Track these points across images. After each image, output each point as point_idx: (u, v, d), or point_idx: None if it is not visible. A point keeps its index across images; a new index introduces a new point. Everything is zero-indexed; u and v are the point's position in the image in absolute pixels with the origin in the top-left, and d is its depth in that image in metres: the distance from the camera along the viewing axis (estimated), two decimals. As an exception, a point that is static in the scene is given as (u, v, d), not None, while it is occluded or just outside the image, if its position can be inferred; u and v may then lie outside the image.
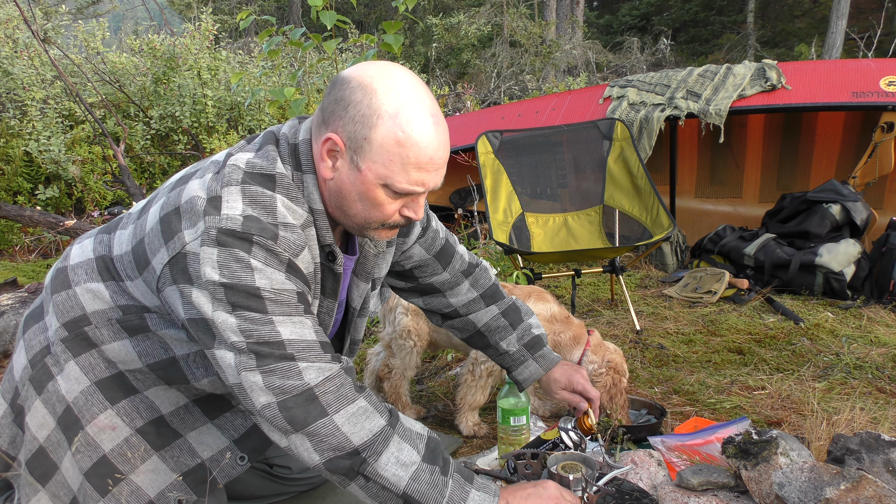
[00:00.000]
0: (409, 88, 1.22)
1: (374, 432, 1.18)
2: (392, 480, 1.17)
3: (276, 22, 3.46)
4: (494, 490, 1.25)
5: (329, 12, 3.04)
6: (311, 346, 1.19)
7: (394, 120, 1.18)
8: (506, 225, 3.48)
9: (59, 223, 4.66)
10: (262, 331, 1.16)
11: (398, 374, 2.33)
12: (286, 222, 1.21)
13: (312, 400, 1.16)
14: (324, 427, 1.16)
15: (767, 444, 1.51)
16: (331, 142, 1.22)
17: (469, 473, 1.26)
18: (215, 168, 1.28)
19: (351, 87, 1.21)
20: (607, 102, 4.56)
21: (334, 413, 1.16)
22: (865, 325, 3.09)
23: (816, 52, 13.19)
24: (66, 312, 1.38)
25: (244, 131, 7.20)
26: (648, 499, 1.47)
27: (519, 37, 13.48)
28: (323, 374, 1.18)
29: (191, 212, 1.22)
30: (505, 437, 1.91)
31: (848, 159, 4.40)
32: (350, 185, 1.24)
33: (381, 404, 1.24)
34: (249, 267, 1.16)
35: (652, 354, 2.84)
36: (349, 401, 1.18)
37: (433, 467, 1.20)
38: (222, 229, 1.16)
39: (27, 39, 6.80)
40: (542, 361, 1.73)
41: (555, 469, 1.47)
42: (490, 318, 1.73)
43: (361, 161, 1.21)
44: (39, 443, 1.36)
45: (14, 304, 3.06)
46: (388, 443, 1.18)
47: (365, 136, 1.19)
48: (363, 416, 1.18)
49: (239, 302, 1.16)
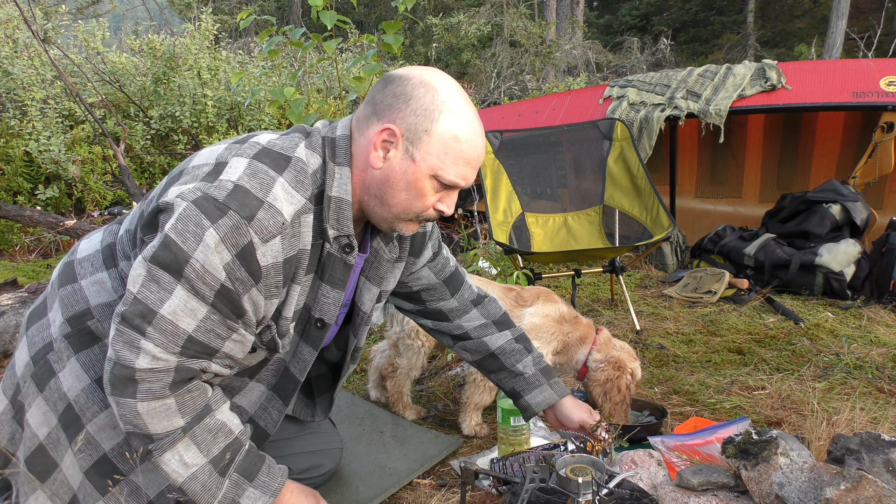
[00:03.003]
0: (461, 93, 1.33)
1: (168, 430, 1.24)
2: (171, 475, 1.26)
3: (276, 22, 3.46)
4: (273, 490, 1.35)
5: (329, 12, 3.04)
6: (174, 332, 1.19)
7: (454, 116, 1.28)
8: (506, 225, 3.48)
9: (59, 223, 4.66)
10: (153, 296, 1.18)
11: (403, 373, 2.33)
12: (273, 204, 1.22)
13: (131, 381, 1.19)
14: (128, 406, 1.20)
15: (767, 444, 1.51)
16: (388, 132, 1.28)
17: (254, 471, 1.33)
18: (232, 140, 1.34)
19: (412, 84, 1.29)
20: (607, 102, 4.56)
21: (140, 401, 1.20)
22: (865, 325, 3.09)
23: (816, 52, 13.19)
24: (71, 307, 1.40)
25: (244, 131, 7.20)
26: (648, 499, 1.47)
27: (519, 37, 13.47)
28: (155, 363, 1.19)
29: (192, 174, 1.27)
30: (505, 437, 1.91)
31: (848, 159, 4.41)
32: (400, 174, 1.30)
33: (193, 403, 1.26)
34: (200, 237, 1.17)
35: (652, 354, 2.84)
36: (157, 397, 1.21)
37: (213, 470, 1.29)
38: (206, 195, 1.19)
39: (27, 39, 6.80)
40: (557, 388, 1.78)
41: (563, 472, 1.46)
42: (505, 341, 1.77)
43: (417, 151, 1.28)
44: (40, 440, 1.36)
45: (14, 304, 3.06)
46: (176, 444, 1.25)
47: (426, 128, 1.27)
48: (163, 415, 1.23)
49: (163, 259, 1.17)
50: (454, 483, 1.85)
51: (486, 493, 1.75)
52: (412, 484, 1.88)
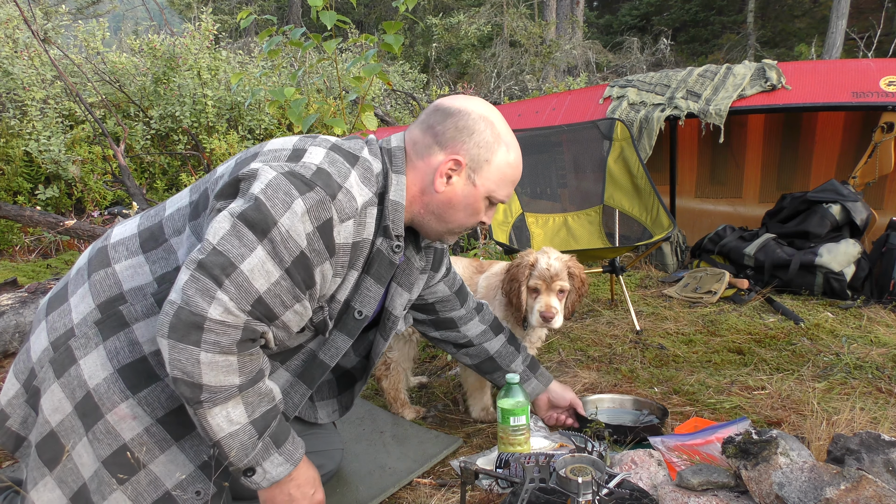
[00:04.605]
0: (505, 122, 1.51)
1: (223, 386, 1.25)
2: (213, 429, 1.28)
3: (276, 22, 3.46)
4: (295, 459, 1.39)
5: (329, 12, 3.04)
6: (248, 291, 1.23)
7: (507, 148, 1.49)
8: (506, 225, 3.48)
9: (59, 223, 4.66)
10: (234, 250, 1.21)
11: (396, 367, 2.34)
12: (350, 190, 1.34)
13: (197, 328, 1.20)
14: (189, 353, 1.21)
15: (767, 444, 1.51)
16: (454, 162, 1.46)
17: (283, 439, 1.38)
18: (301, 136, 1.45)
19: (473, 119, 1.46)
20: (607, 102, 4.56)
21: (204, 351, 1.21)
22: (865, 325, 3.09)
23: (816, 52, 13.19)
24: (103, 292, 1.42)
25: (244, 131, 7.20)
26: (648, 499, 1.47)
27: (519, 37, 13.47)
28: (226, 316, 1.21)
29: (272, 156, 1.37)
30: (505, 437, 1.91)
31: (848, 159, 4.41)
32: (462, 198, 1.49)
33: (252, 365, 1.29)
34: (289, 204, 1.25)
35: (652, 354, 2.84)
36: (223, 351, 1.23)
37: (253, 431, 1.32)
38: (294, 171, 1.30)
39: (27, 39, 6.80)
40: (542, 379, 2.06)
41: (563, 472, 1.46)
42: (500, 345, 2.01)
43: (478, 178, 1.48)
44: (51, 426, 1.37)
45: (14, 304, 3.06)
46: (229, 401, 1.27)
47: (487, 158, 1.47)
48: (223, 370, 1.24)
49: (251, 217, 1.22)
50: (454, 483, 1.85)
51: (487, 493, 1.75)
52: (412, 484, 1.88)
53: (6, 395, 1.45)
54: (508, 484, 1.64)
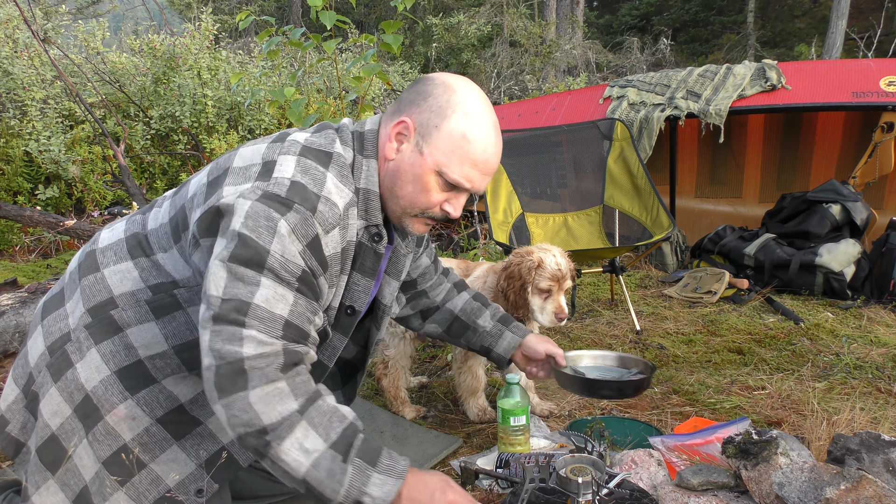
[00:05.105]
0: (482, 99, 1.37)
1: (284, 415, 1.19)
2: (293, 465, 1.19)
3: (276, 22, 3.46)
4: (399, 472, 1.25)
5: (329, 12, 3.04)
6: (272, 318, 1.21)
7: (465, 117, 1.33)
8: (506, 225, 3.48)
9: (59, 223, 4.66)
10: (241, 291, 1.19)
11: (395, 365, 2.35)
12: (329, 198, 1.29)
13: (241, 372, 1.18)
14: (240, 401, 1.17)
15: (767, 444, 1.51)
16: (403, 125, 1.35)
17: (375, 456, 1.24)
18: (270, 139, 1.38)
19: (434, 84, 1.36)
20: (607, 102, 4.56)
21: (252, 389, 1.18)
22: (865, 325, 3.09)
23: (816, 52, 13.19)
24: (93, 296, 1.40)
25: (244, 131, 7.20)
26: (648, 499, 1.47)
27: (519, 37, 13.47)
28: (261, 348, 1.19)
29: (242, 174, 1.30)
30: (505, 437, 1.91)
31: (848, 159, 4.41)
32: (408, 167, 1.35)
33: (304, 386, 1.24)
34: (274, 229, 1.21)
35: (652, 354, 2.84)
36: (270, 380, 1.19)
37: (336, 455, 1.21)
38: (267, 192, 1.24)
39: (27, 39, 6.80)
40: (517, 331, 1.86)
41: (563, 472, 1.46)
42: (464, 302, 1.88)
43: (426, 146, 1.34)
44: (52, 430, 1.36)
45: (14, 304, 3.06)
46: (294, 428, 1.20)
47: (437, 124, 1.33)
48: (277, 398, 1.19)
49: (242, 255, 1.19)
50: (454, 483, 1.85)
51: (487, 493, 1.75)
52: (412, 484, 1.88)
53: (6, 400, 1.44)
54: (508, 484, 1.64)
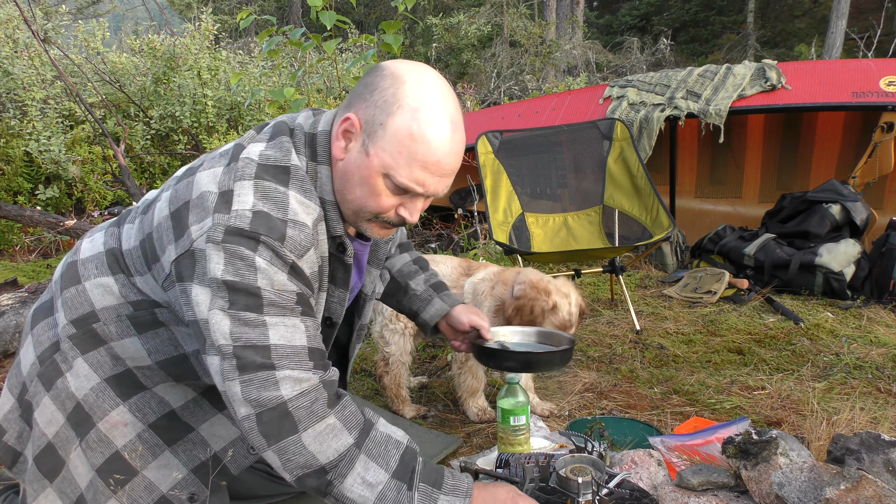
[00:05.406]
0: (437, 90, 1.22)
1: (341, 452, 1.18)
2: (358, 502, 1.17)
3: (276, 22, 3.46)
4: (465, 490, 1.23)
5: (329, 12, 3.04)
6: (296, 352, 1.18)
7: (413, 113, 1.19)
8: (506, 225, 3.48)
9: (59, 223, 4.66)
10: (252, 334, 1.16)
11: (396, 362, 2.35)
12: (296, 220, 1.21)
13: (286, 415, 1.15)
14: (292, 444, 1.16)
15: (767, 444, 1.51)
16: (349, 122, 1.23)
17: (439, 477, 1.24)
18: (225, 160, 1.27)
19: (382, 75, 1.22)
20: (607, 102, 4.56)
21: (303, 430, 1.16)
22: (865, 325, 3.09)
23: (816, 52, 13.19)
24: (75, 309, 1.38)
25: (244, 131, 7.20)
26: (648, 499, 1.47)
27: (519, 37, 13.47)
28: (299, 386, 1.17)
29: (201, 207, 1.22)
30: (505, 437, 1.90)
31: (848, 159, 4.41)
32: (355, 168, 1.24)
33: (354, 418, 1.22)
34: (253, 266, 1.16)
35: (652, 354, 2.84)
36: (319, 418, 1.17)
37: (400, 484, 1.19)
38: (230, 228, 1.17)
39: (27, 39, 6.80)
40: (447, 299, 1.78)
41: (563, 472, 1.46)
42: (403, 263, 1.82)
43: (371, 146, 1.21)
44: (48, 439, 1.36)
45: (14, 305, 3.06)
46: (354, 463, 1.18)
47: (381, 122, 1.20)
48: (331, 435, 1.18)
49: (237, 301, 1.16)
50: (454, 483, 1.85)
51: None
52: (412, 484, 1.88)
53: (2, 409, 1.43)
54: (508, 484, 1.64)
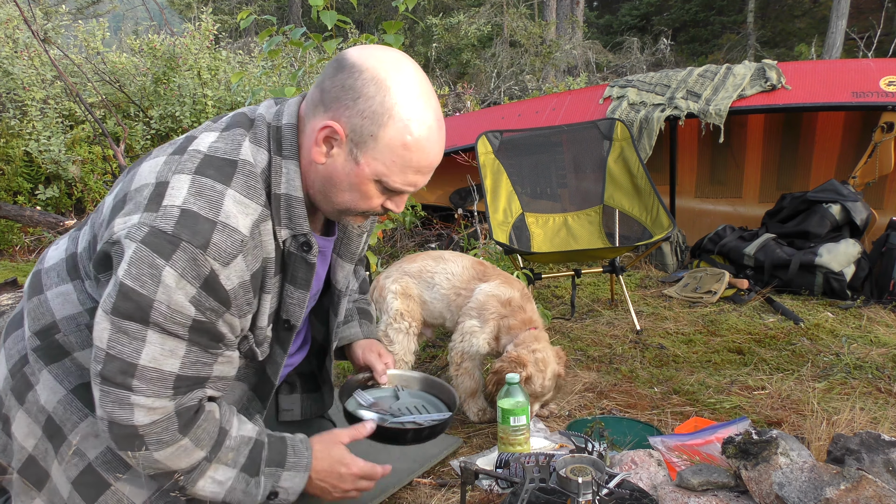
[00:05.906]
0: (420, 90, 1.21)
1: (192, 464, 1.25)
2: (210, 496, 1.29)
3: (277, 22, 3.46)
4: (305, 465, 1.38)
5: (329, 12, 3.03)
6: (161, 378, 1.16)
7: (405, 124, 1.18)
8: (506, 225, 3.48)
9: (59, 223, 4.67)
10: (125, 347, 1.14)
11: (399, 361, 2.35)
12: (227, 223, 1.16)
13: (137, 437, 1.19)
14: (145, 457, 1.21)
15: (767, 444, 1.51)
16: (330, 129, 1.19)
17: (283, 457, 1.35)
18: (171, 150, 1.25)
19: (363, 79, 1.17)
20: (607, 102, 4.56)
21: (154, 451, 1.20)
22: (865, 325, 3.09)
23: (816, 52, 13.19)
24: (38, 320, 1.35)
25: (244, 131, 7.20)
26: (648, 499, 1.47)
27: (519, 37, 13.47)
28: (152, 415, 1.17)
29: (135, 200, 1.19)
30: (505, 437, 1.91)
31: (848, 159, 4.40)
32: (343, 175, 1.23)
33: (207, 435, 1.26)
34: (157, 279, 1.11)
35: (652, 354, 2.84)
36: (169, 443, 1.21)
37: (248, 477, 1.31)
38: (153, 228, 1.12)
39: (27, 39, 6.80)
40: (365, 328, 1.80)
41: (563, 472, 1.46)
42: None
43: (361, 156, 1.20)
44: (28, 451, 1.35)
45: (14, 305, 3.06)
46: (205, 471, 1.27)
47: (372, 133, 1.18)
48: (183, 454, 1.23)
49: (125, 308, 1.12)
50: (454, 483, 1.85)
51: (487, 493, 1.75)
52: (412, 484, 1.88)
53: None
54: (508, 484, 1.64)
